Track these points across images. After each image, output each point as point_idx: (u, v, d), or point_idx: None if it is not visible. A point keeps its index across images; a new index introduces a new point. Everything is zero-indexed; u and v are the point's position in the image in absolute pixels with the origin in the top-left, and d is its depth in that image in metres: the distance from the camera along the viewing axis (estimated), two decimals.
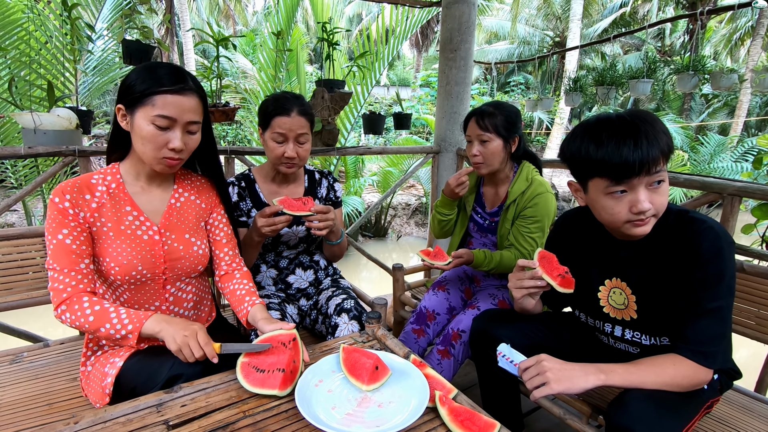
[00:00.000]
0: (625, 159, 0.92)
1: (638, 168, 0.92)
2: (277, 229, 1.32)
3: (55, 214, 1.03)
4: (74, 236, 1.04)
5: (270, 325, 1.07)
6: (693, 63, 3.45)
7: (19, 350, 1.47)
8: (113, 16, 4.20)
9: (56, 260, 1.02)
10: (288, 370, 0.93)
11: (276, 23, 5.66)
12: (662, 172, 0.95)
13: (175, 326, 0.98)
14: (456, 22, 2.72)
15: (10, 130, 4.35)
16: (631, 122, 0.94)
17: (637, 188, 0.95)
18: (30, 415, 1.16)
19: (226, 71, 13.24)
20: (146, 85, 1.00)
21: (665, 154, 0.93)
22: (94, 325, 0.99)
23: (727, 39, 15.25)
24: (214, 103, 2.12)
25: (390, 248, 8.33)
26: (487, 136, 1.57)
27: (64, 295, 1.01)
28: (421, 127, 12.46)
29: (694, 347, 0.95)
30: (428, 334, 1.71)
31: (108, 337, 1.00)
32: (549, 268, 1.08)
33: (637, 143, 0.91)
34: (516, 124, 1.60)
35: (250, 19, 21.58)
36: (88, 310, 0.99)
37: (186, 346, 0.95)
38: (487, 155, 1.59)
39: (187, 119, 1.04)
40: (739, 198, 1.61)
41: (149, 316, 1.00)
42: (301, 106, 1.42)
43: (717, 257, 0.95)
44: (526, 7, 16.83)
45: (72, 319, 1.00)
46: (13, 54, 3.65)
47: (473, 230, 1.79)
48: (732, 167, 9.17)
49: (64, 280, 1.02)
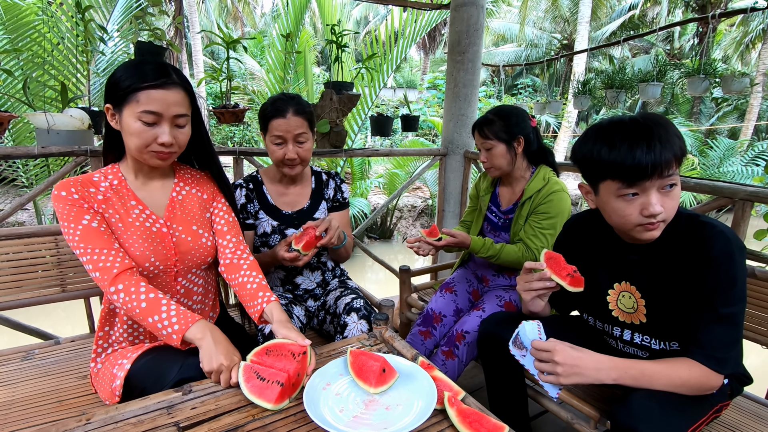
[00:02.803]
0: (638, 161, 0.91)
1: (651, 170, 0.91)
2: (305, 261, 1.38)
3: (69, 205, 1.02)
4: (98, 221, 1.04)
5: (285, 330, 1.05)
6: (704, 66, 3.42)
7: (31, 347, 1.49)
8: (124, 18, 4.25)
9: (89, 243, 1.00)
10: (288, 384, 0.91)
11: (284, 25, 5.69)
12: (675, 176, 0.94)
13: (218, 347, 0.97)
14: (464, 24, 2.72)
15: (22, 130, 4.41)
16: (644, 125, 0.93)
17: (649, 191, 0.94)
18: (40, 412, 1.17)
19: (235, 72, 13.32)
20: (130, 81, 1.01)
21: (678, 158, 0.93)
22: (143, 313, 0.98)
23: (737, 42, 15.09)
24: (223, 105, 2.14)
25: (396, 250, 8.32)
26: (489, 144, 1.63)
27: (115, 271, 0.99)
28: (428, 129, 12.45)
29: (707, 352, 0.95)
30: (435, 335, 1.71)
31: (151, 329, 1.00)
32: (557, 268, 1.07)
33: (650, 146, 0.91)
34: (517, 125, 1.61)
35: (258, 21, 21.73)
36: (143, 295, 0.99)
37: (217, 375, 0.96)
38: (492, 160, 1.65)
39: (173, 113, 1.04)
40: (751, 203, 1.59)
41: (196, 320, 1.00)
42: (297, 106, 1.42)
43: (728, 261, 0.94)
44: (534, 9, 16.77)
45: (125, 300, 0.99)
46: (26, 55, 3.70)
47: (487, 229, 1.80)
48: (742, 171, 9.06)
49: (107, 259, 1.00)
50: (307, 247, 1.34)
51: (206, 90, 12.17)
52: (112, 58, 4.65)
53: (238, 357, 1.00)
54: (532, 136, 1.65)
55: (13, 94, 3.74)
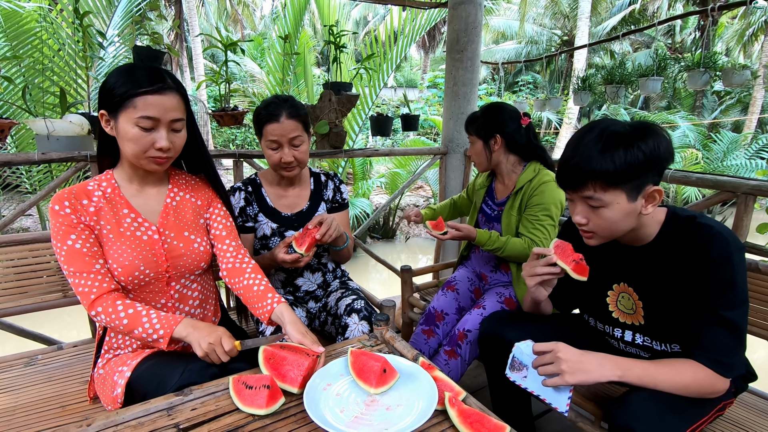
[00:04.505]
0: (560, 172, 1.00)
1: (564, 184, 1.00)
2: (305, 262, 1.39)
3: (60, 222, 1.04)
4: (83, 239, 1.05)
5: (299, 336, 1.06)
6: (704, 60, 3.39)
7: (34, 353, 1.49)
8: (124, 23, 4.26)
9: (71, 265, 1.04)
10: (276, 386, 0.93)
11: (283, 27, 5.70)
12: (597, 200, 0.96)
13: (200, 332, 1.02)
14: (462, 22, 2.72)
15: (25, 137, 4.43)
16: (598, 139, 0.94)
17: (575, 201, 1.01)
18: (43, 417, 1.17)
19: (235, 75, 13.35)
20: (125, 87, 1.01)
21: (606, 183, 0.93)
22: (128, 327, 1.02)
23: (739, 35, 14.98)
24: (222, 107, 2.14)
25: (398, 250, 8.31)
26: (471, 139, 1.73)
27: (92, 296, 1.03)
28: (429, 128, 12.44)
29: (712, 355, 0.93)
30: (438, 334, 1.71)
31: (141, 339, 1.04)
32: (563, 255, 1.06)
33: (576, 161, 0.95)
34: (495, 124, 1.64)
35: (258, 23, 21.77)
36: (122, 313, 1.03)
37: (213, 353, 1.00)
38: (473, 155, 1.75)
39: (170, 118, 1.05)
40: (754, 197, 1.58)
41: (179, 321, 1.04)
42: (290, 109, 1.41)
43: (727, 264, 0.92)
44: (534, 6, 16.73)
45: (107, 321, 1.04)
46: (27, 62, 3.72)
47: (481, 221, 1.82)
48: (746, 165, 8.99)
49: (86, 284, 1.04)
50: (306, 249, 1.34)
51: (207, 93, 12.19)
52: (114, 63, 4.66)
53: (220, 329, 1.04)
54: (518, 135, 1.65)
55: (15, 101, 3.76)
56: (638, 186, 0.94)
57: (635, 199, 0.95)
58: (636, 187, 0.94)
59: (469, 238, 1.60)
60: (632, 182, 0.93)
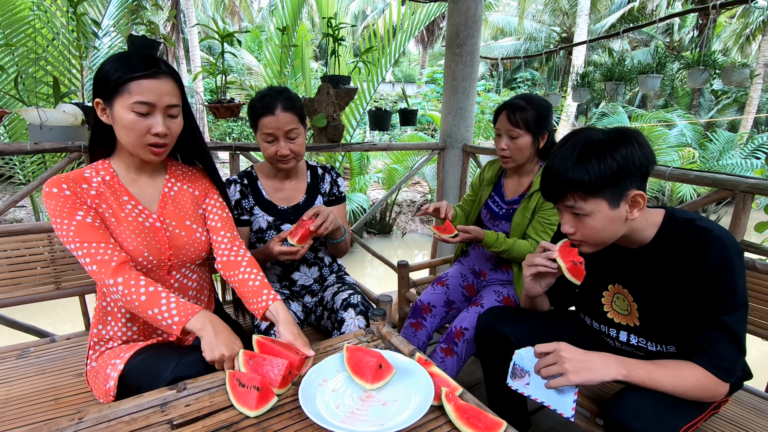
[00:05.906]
0: (544, 181, 1.01)
1: (547, 194, 1.01)
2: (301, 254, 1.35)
3: (62, 201, 1.01)
4: (92, 216, 1.03)
5: (291, 337, 1.05)
6: (703, 58, 3.39)
7: (26, 345, 1.47)
8: (119, 13, 4.21)
9: (85, 238, 1.00)
10: (266, 387, 0.90)
11: (281, 19, 5.65)
12: (579, 208, 0.95)
13: (219, 337, 0.98)
14: (462, 16, 2.69)
15: (18, 127, 4.38)
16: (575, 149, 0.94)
17: (561, 210, 1.01)
18: (37, 410, 1.16)
19: (232, 67, 13.26)
20: (120, 73, 0.99)
21: (586, 193, 0.93)
22: (143, 306, 0.98)
23: (737, 34, 15.00)
24: (218, 99, 2.11)
25: (395, 245, 8.32)
26: (516, 132, 1.54)
27: (113, 264, 0.99)
28: (427, 123, 12.40)
29: (715, 361, 0.93)
30: (425, 327, 1.70)
31: (151, 320, 1.00)
32: (566, 254, 1.06)
33: (556, 172, 0.96)
34: (547, 119, 1.56)
35: (256, 16, 21.58)
36: (142, 288, 0.99)
37: (220, 365, 0.97)
38: (514, 150, 1.57)
39: (165, 102, 1.03)
40: (752, 195, 1.58)
41: (196, 312, 1.00)
42: (285, 101, 1.38)
43: (727, 268, 0.92)
44: (533, 2, 16.67)
45: (124, 293, 0.99)
46: (20, 51, 3.66)
47: (486, 218, 1.77)
48: (742, 164, 9.05)
49: (105, 252, 1.00)
50: (302, 241, 1.32)
51: (203, 85, 12.10)
52: (109, 53, 4.61)
53: (239, 345, 1.00)
54: (552, 134, 1.61)
55: (8, 90, 3.70)
56: (618, 193, 0.93)
57: (617, 206, 0.95)
58: (616, 194, 0.93)
59: (477, 240, 1.57)
60: (610, 189, 0.92)
